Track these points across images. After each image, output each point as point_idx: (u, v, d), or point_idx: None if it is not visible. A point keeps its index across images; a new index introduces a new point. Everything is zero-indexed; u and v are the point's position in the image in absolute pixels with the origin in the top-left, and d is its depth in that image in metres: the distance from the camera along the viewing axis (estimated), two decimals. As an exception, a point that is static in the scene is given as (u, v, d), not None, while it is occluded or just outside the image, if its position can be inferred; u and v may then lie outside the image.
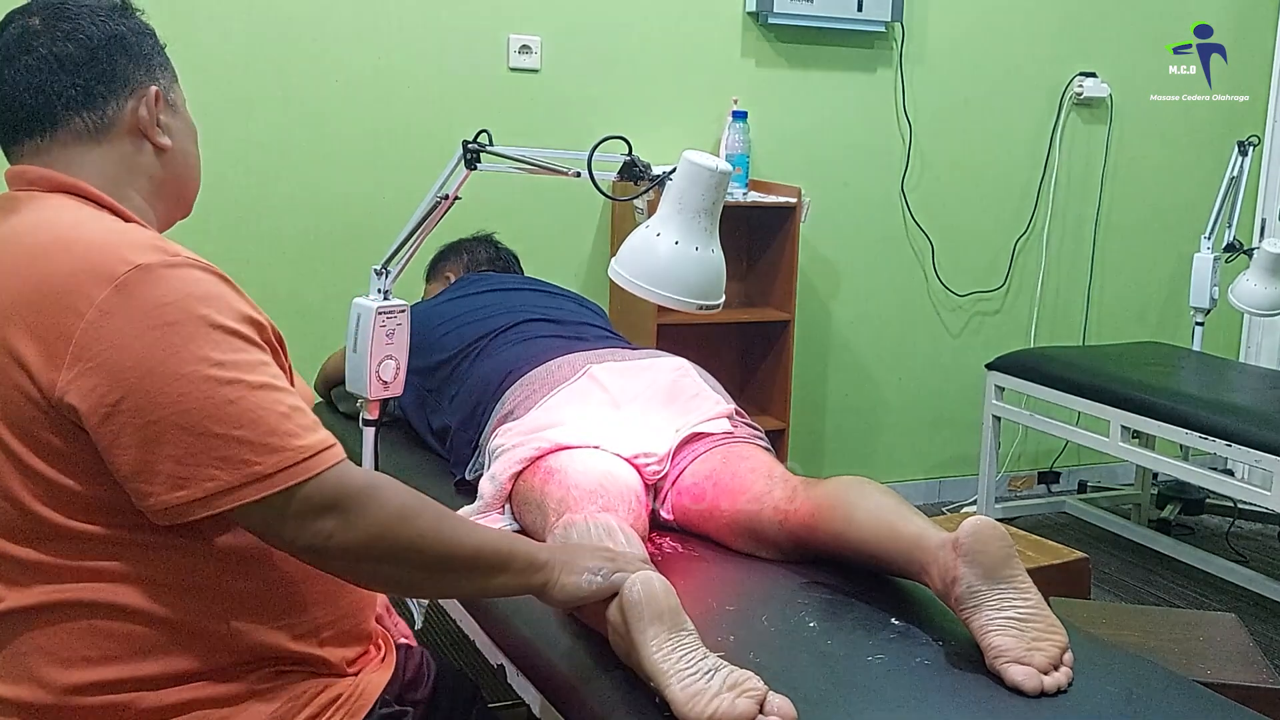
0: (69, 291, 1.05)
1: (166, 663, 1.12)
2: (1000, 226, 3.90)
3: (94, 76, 1.20)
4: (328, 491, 1.08)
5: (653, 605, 1.24)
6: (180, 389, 1.03)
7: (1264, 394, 3.14)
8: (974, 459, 3.71)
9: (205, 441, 1.04)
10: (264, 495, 1.05)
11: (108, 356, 1.03)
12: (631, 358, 2.00)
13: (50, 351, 1.05)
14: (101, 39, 1.21)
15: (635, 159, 1.71)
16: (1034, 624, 1.33)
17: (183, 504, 1.05)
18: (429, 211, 1.89)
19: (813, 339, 3.68)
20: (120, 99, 1.22)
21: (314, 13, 2.99)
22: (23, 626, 1.12)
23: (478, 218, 2.92)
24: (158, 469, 1.04)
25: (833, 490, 1.60)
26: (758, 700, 1.20)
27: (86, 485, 1.08)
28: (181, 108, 1.30)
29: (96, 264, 1.06)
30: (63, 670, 1.11)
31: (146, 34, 1.27)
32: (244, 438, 1.04)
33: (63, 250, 1.08)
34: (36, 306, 1.06)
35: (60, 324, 1.04)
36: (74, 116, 1.20)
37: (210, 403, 1.04)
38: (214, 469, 1.04)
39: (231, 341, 1.07)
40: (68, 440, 1.07)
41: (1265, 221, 4.19)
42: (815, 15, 3.42)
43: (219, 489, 1.04)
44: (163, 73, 1.27)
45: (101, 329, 1.03)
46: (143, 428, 1.03)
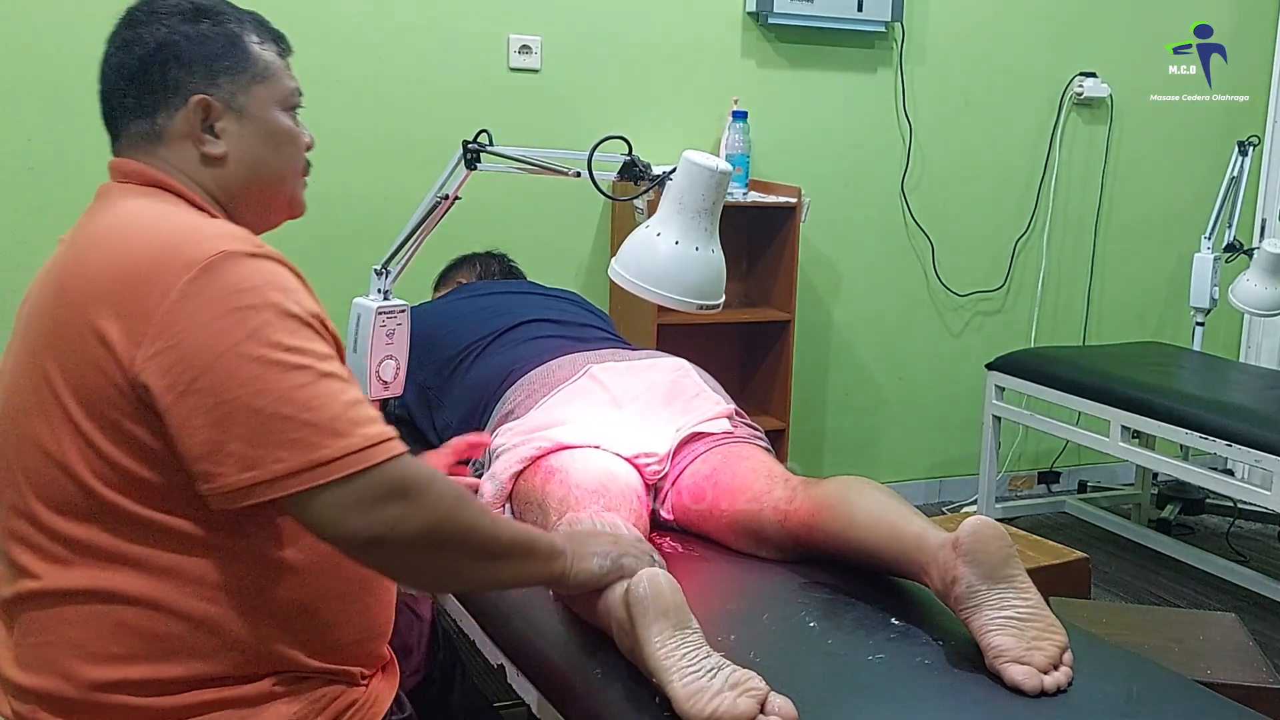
0: (154, 273, 1.07)
1: (191, 665, 1.13)
2: (1000, 226, 3.90)
3: (145, 87, 1.23)
4: (392, 479, 1.09)
5: (659, 602, 1.24)
6: (253, 371, 1.05)
7: (1264, 394, 3.14)
8: (974, 459, 3.71)
9: (275, 423, 1.05)
10: (330, 480, 1.05)
11: (185, 336, 1.05)
12: (632, 358, 2.00)
13: (131, 330, 1.07)
14: (154, 47, 1.23)
15: (635, 159, 1.71)
16: (1033, 624, 1.33)
17: (250, 485, 1.05)
18: (429, 211, 1.89)
19: (813, 339, 3.68)
20: (171, 108, 1.23)
21: (314, 13, 2.99)
22: (54, 614, 1.13)
23: (478, 218, 2.93)
24: (228, 449, 1.05)
25: (833, 490, 1.60)
26: (759, 700, 1.20)
27: (147, 469, 1.10)
28: (257, 112, 1.26)
29: (182, 248, 1.08)
30: (90, 665, 1.12)
31: (212, 38, 1.24)
32: (312, 421, 1.05)
33: (149, 235, 1.11)
34: (121, 287, 1.08)
35: (143, 304, 1.06)
36: (131, 123, 1.24)
37: (282, 386, 1.05)
38: (283, 451, 1.05)
39: (303, 331, 1.09)
40: (137, 422, 1.08)
41: (1265, 221, 4.19)
42: (815, 15, 3.42)
43: (286, 471, 1.05)
44: (228, 77, 1.24)
45: (181, 309, 1.05)
46: (214, 408, 1.04)
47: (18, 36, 2.77)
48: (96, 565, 1.12)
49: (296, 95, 1.32)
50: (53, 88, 2.81)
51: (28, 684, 1.14)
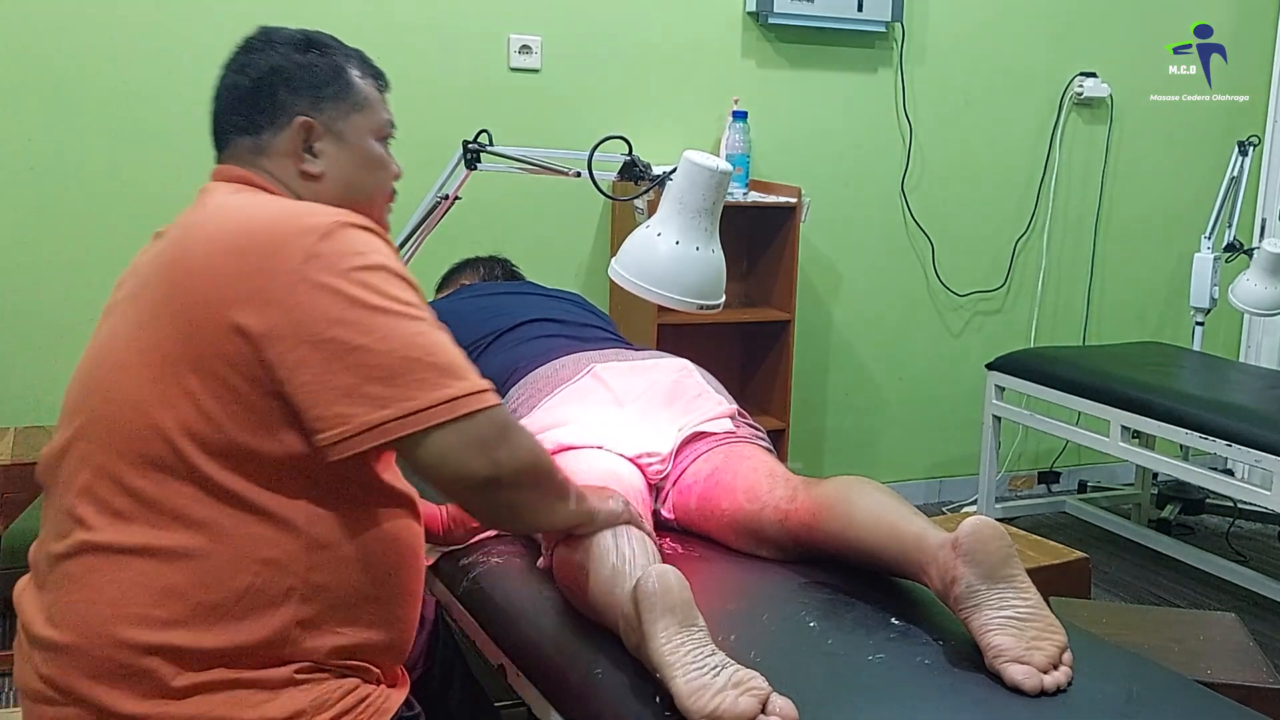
0: (280, 239, 1.16)
1: (226, 635, 1.16)
2: (1000, 226, 3.91)
3: (254, 107, 1.33)
4: (501, 421, 1.21)
5: (666, 598, 1.25)
6: (380, 320, 1.15)
7: (1264, 394, 3.14)
8: (974, 459, 3.71)
9: (405, 365, 1.15)
10: (454, 417, 1.16)
11: (317, 293, 1.14)
12: (635, 358, 2.00)
13: (262, 291, 1.14)
14: (266, 71, 1.34)
15: (635, 159, 1.71)
16: (1033, 623, 1.33)
17: (386, 422, 1.14)
18: (429, 211, 1.90)
19: (813, 339, 3.68)
20: (276, 127, 1.33)
21: (314, 13, 2.99)
22: (103, 570, 1.16)
23: (478, 218, 2.93)
24: (362, 391, 1.14)
25: (833, 490, 1.60)
26: (760, 700, 1.20)
27: (243, 433, 1.15)
28: (354, 139, 1.38)
29: (305, 219, 1.18)
30: (129, 627, 1.14)
31: (321, 66, 1.37)
32: (436, 364, 1.17)
33: (267, 209, 1.22)
34: (250, 252, 1.16)
35: (273, 265, 1.14)
36: (237, 138, 1.34)
37: (406, 333, 1.16)
38: (413, 390, 1.15)
39: (411, 290, 1.21)
40: (249, 381, 1.14)
41: (1265, 221, 4.19)
42: (815, 15, 3.42)
43: (418, 408, 1.14)
44: (331, 104, 1.36)
45: (311, 269, 1.14)
46: (348, 354, 1.13)
47: (18, 36, 2.77)
48: (159, 524, 1.16)
49: (389, 127, 1.45)
50: (53, 88, 2.81)
51: (61, 640, 1.16)
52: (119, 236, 2.88)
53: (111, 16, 2.83)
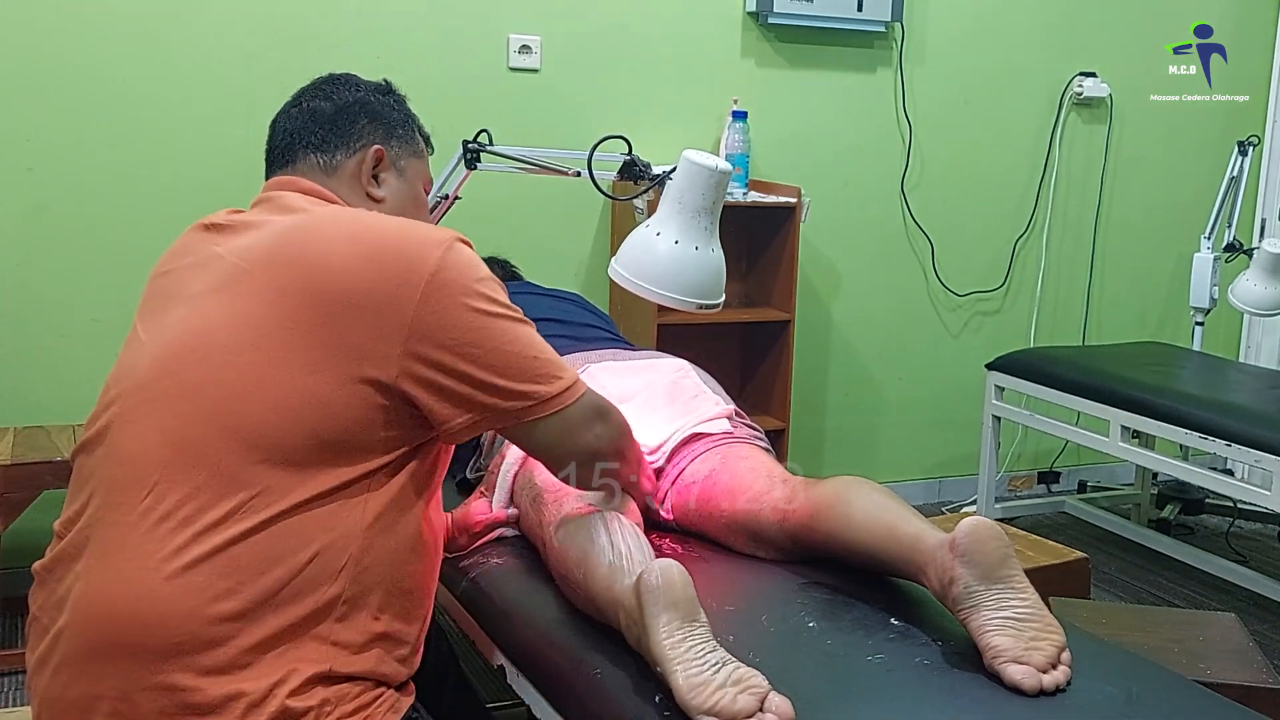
0: (413, 250, 1.27)
1: (277, 615, 1.19)
2: (1000, 226, 3.91)
3: (334, 130, 1.46)
4: (595, 402, 1.39)
5: (669, 593, 1.25)
6: (502, 325, 1.30)
7: (1264, 394, 3.14)
8: (974, 459, 3.71)
9: (527, 363, 1.31)
10: (569, 403, 1.34)
11: (449, 300, 1.26)
12: (632, 358, 2.00)
13: (400, 298, 1.24)
14: (351, 101, 1.48)
15: (635, 158, 1.71)
16: (1031, 624, 1.33)
17: (520, 408, 1.31)
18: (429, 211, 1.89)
19: (813, 339, 3.68)
20: (350, 150, 1.45)
21: (314, 13, 2.99)
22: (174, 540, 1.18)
23: (478, 218, 2.92)
24: (494, 384, 1.29)
25: (832, 490, 1.60)
26: (759, 698, 1.20)
27: (352, 424, 1.23)
28: (411, 177, 1.51)
29: (428, 232, 1.31)
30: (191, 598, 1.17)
31: (397, 110, 1.52)
32: (549, 360, 1.34)
33: (396, 222, 1.33)
34: (387, 260, 1.25)
35: (409, 274, 1.25)
36: (310, 154, 1.45)
37: (524, 335, 1.32)
38: (535, 384, 1.31)
39: (506, 297, 1.34)
40: (372, 385, 1.23)
41: (1265, 221, 4.19)
42: (815, 15, 3.42)
43: (545, 396, 1.32)
44: (399, 143, 1.50)
45: (440, 278, 1.26)
46: (483, 355, 1.27)
47: (18, 36, 2.77)
48: (242, 499, 1.20)
49: (430, 183, 1.58)
50: (53, 88, 2.81)
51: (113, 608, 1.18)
52: (119, 236, 2.88)
53: (112, 16, 2.83)
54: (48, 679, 1.22)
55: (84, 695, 1.19)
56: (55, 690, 1.21)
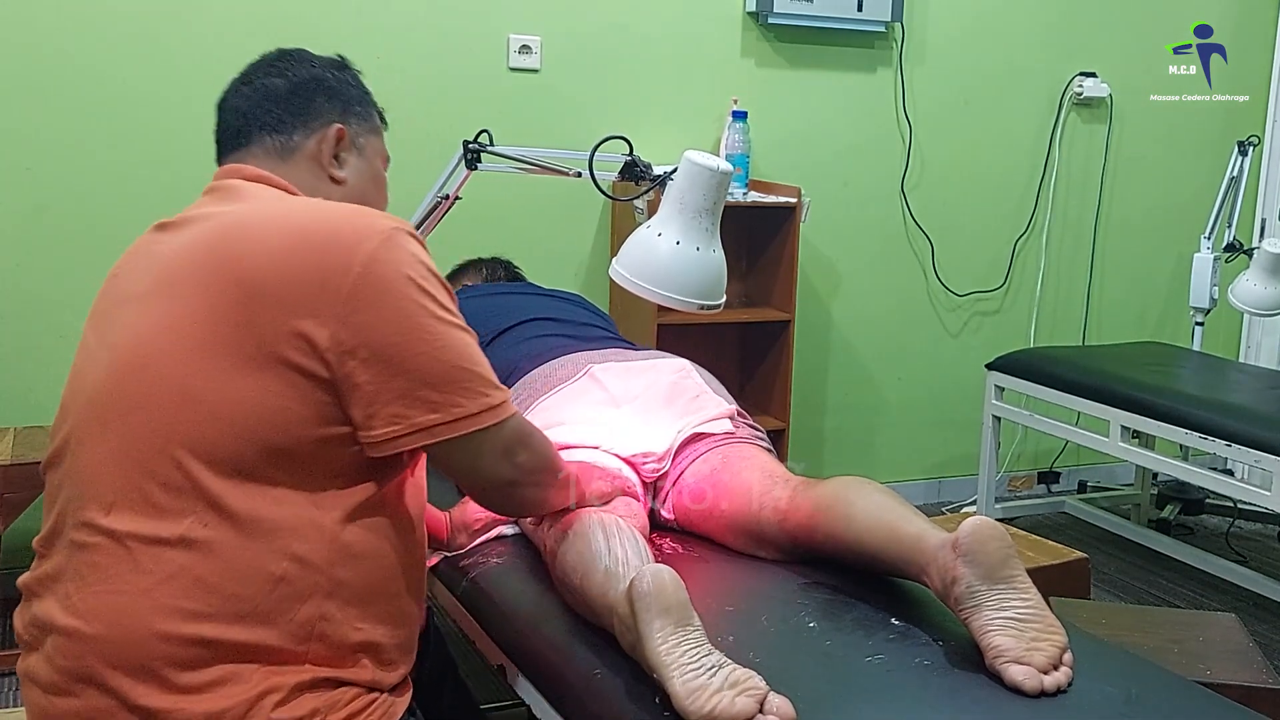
0: (343, 242, 1.20)
1: (252, 630, 1.17)
2: (1000, 226, 3.91)
3: (289, 109, 1.39)
4: (522, 428, 1.32)
5: (661, 598, 1.24)
6: (436, 329, 1.22)
7: (1264, 394, 3.14)
8: (974, 459, 3.71)
9: (455, 374, 1.23)
10: (493, 423, 1.26)
11: (378, 299, 1.19)
12: (633, 358, 2.00)
13: (326, 293, 1.18)
14: (306, 78, 1.41)
15: (636, 159, 1.71)
16: (1033, 624, 1.33)
17: (434, 425, 1.22)
18: (429, 211, 1.89)
19: (813, 339, 3.68)
20: (307, 130, 1.39)
21: (314, 13, 2.99)
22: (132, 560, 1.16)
23: (478, 218, 2.93)
24: (417, 394, 1.21)
25: (832, 490, 1.60)
26: (758, 700, 1.20)
27: (290, 427, 1.18)
28: (370, 155, 1.46)
29: (364, 221, 1.23)
30: (157, 617, 1.15)
31: (353, 85, 1.46)
32: (481, 374, 1.26)
33: (329, 212, 1.26)
34: (313, 253, 1.19)
35: (336, 268, 1.18)
36: (265, 137, 1.38)
37: (459, 343, 1.24)
38: (460, 398, 1.23)
39: (452, 299, 1.27)
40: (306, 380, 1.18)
41: (1265, 221, 4.19)
42: (815, 15, 3.42)
43: (464, 414, 1.23)
44: (357, 120, 1.44)
45: (372, 274, 1.19)
46: (409, 359, 1.20)
47: (18, 36, 2.77)
48: (192, 516, 1.16)
49: (388, 162, 1.53)
50: (52, 88, 2.81)
51: (87, 630, 1.16)
52: (118, 236, 2.87)
53: (112, 16, 2.83)
54: (36, 695, 1.22)
55: (67, 713, 1.18)
56: (43, 704, 1.21)
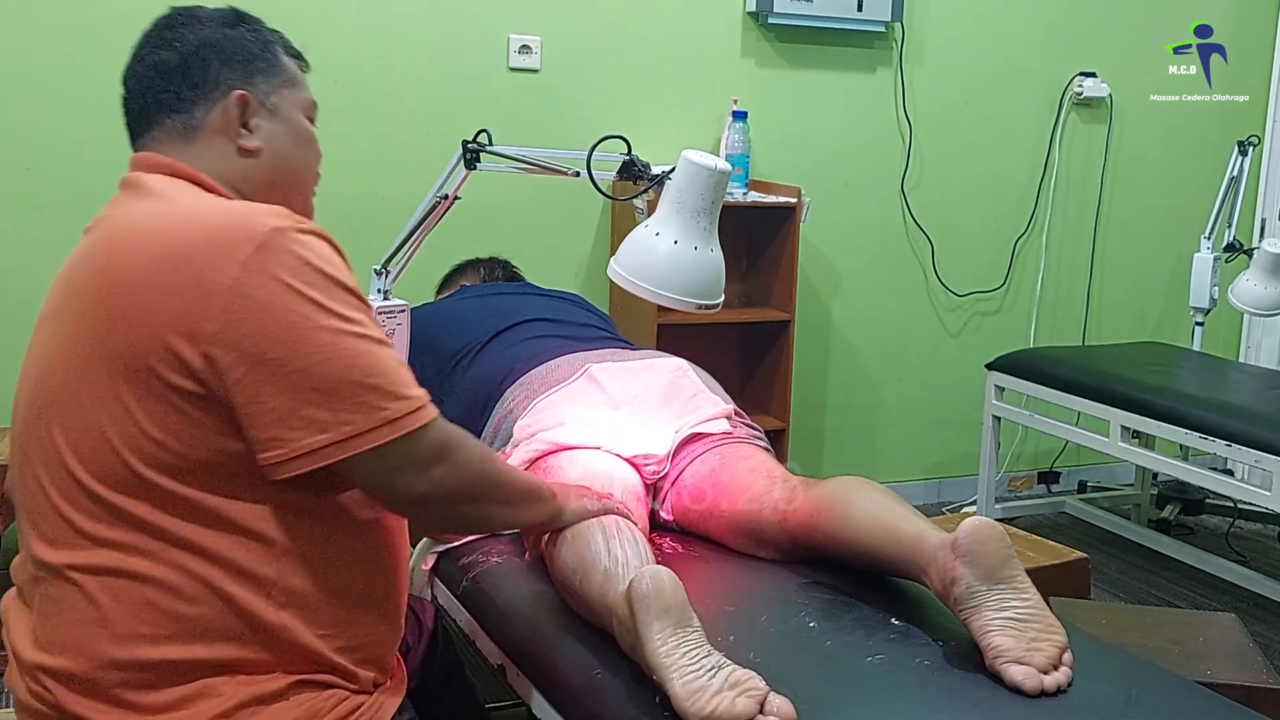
0: (213, 251, 1.11)
1: (215, 648, 1.15)
2: (1000, 226, 3.90)
3: (185, 82, 1.27)
4: (439, 439, 1.19)
5: (660, 600, 1.24)
6: (322, 339, 1.11)
7: (1264, 394, 3.14)
8: (974, 459, 3.71)
9: (345, 388, 1.12)
10: (393, 438, 1.14)
11: (254, 310, 1.10)
12: (630, 358, 2.00)
13: (192, 307, 1.10)
14: (196, 45, 1.28)
15: (635, 159, 1.71)
16: (1033, 624, 1.33)
17: (323, 446, 1.12)
18: (429, 211, 1.89)
19: (813, 339, 3.68)
20: (208, 103, 1.28)
21: (314, 13, 2.99)
22: (82, 591, 1.14)
23: (478, 218, 2.93)
24: (301, 414, 1.11)
25: (832, 490, 1.60)
26: (758, 700, 1.20)
27: (187, 446, 1.13)
28: (287, 112, 1.33)
29: (237, 227, 1.12)
30: (115, 645, 1.13)
31: (252, 40, 1.32)
32: (376, 385, 1.13)
33: (202, 217, 1.16)
34: (180, 264, 1.11)
35: (205, 280, 1.10)
36: (166, 118, 1.27)
37: (348, 353, 1.12)
38: (351, 414, 1.12)
39: (355, 302, 1.16)
40: (188, 399, 1.11)
41: (1265, 221, 4.19)
42: (815, 15, 3.42)
43: (356, 431, 1.12)
44: (263, 78, 1.31)
45: (246, 284, 1.10)
46: (287, 375, 1.10)
47: (18, 36, 2.77)
48: (126, 543, 1.14)
49: (314, 108, 1.40)
50: (52, 88, 2.81)
51: (51, 664, 1.15)
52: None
53: (112, 16, 2.82)
54: (14, 712, 1.21)
55: None
56: None
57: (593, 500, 1.51)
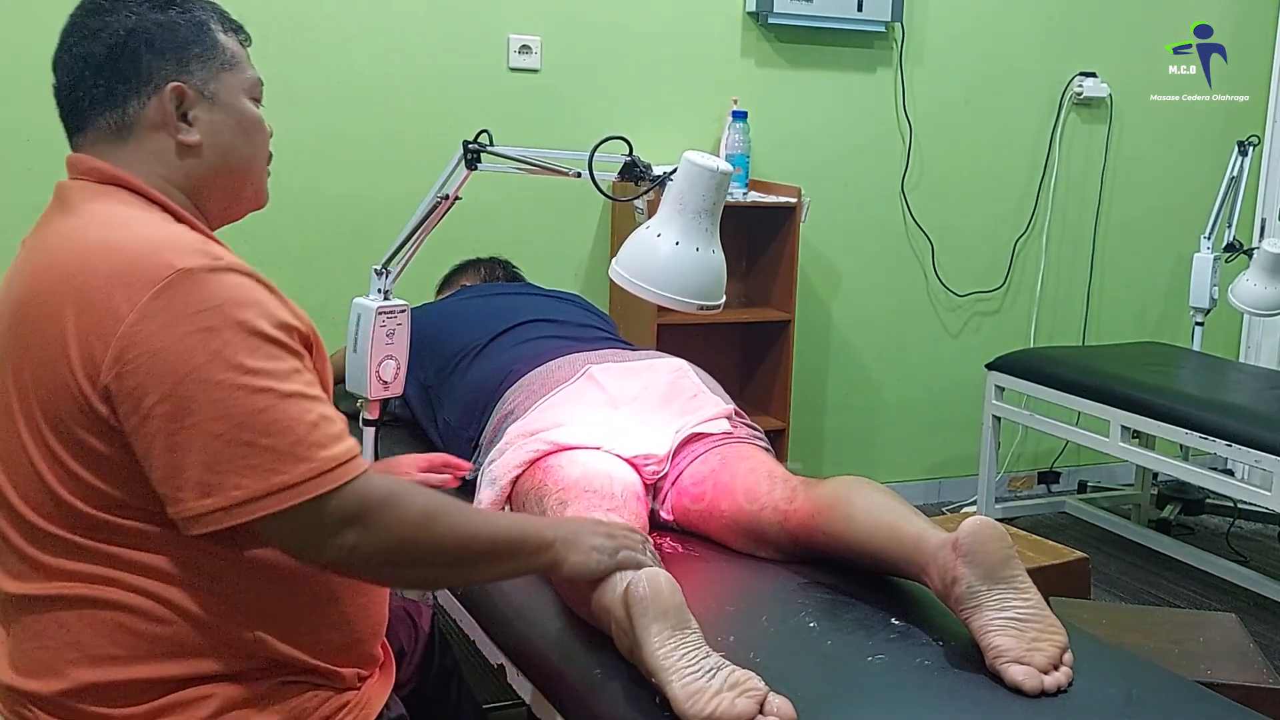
0: (112, 293, 1.05)
1: (190, 664, 1.13)
2: (1000, 226, 3.90)
3: (115, 76, 1.18)
4: (351, 504, 1.09)
5: (658, 602, 1.24)
6: (214, 395, 1.03)
7: (1264, 394, 3.14)
8: (974, 459, 3.71)
9: (235, 449, 1.04)
10: (289, 505, 1.05)
11: (146, 360, 1.04)
12: (631, 359, 2.00)
13: (92, 351, 1.05)
14: (124, 35, 1.18)
15: (635, 159, 1.71)
16: (1034, 624, 1.33)
17: (209, 512, 1.05)
18: (429, 211, 1.89)
19: (813, 339, 3.68)
20: (142, 97, 1.19)
21: (314, 13, 2.98)
22: (50, 618, 1.12)
23: (478, 218, 2.93)
24: (187, 475, 1.04)
25: (832, 490, 1.60)
26: (757, 700, 1.20)
27: (118, 488, 1.09)
28: (227, 98, 1.24)
29: (140, 266, 1.06)
30: (88, 668, 1.12)
31: (182, 25, 1.21)
32: (273, 446, 1.05)
33: (108, 251, 1.08)
34: (82, 305, 1.06)
35: (102, 325, 1.05)
36: (99, 116, 1.19)
37: (242, 410, 1.04)
38: (241, 477, 1.04)
39: (267, 349, 1.07)
40: (103, 441, 1.07)
41: (1265, 221, 4.19)
42: (815, 15, 3.42)
43: (246, 498, 1.04)
44: (199, 64, 1.21)
45: (141, 332, 1.04)
46: (175, 433, 1.04)
47: (17, 36, 2.77)
48: (92, 571, 1.11)
49: (260, 86, 1.31)
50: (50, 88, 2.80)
51: (26, 688, 1.14)
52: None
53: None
54: None
55: None
56: None
57: (604, 547, 1.32)
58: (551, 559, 1.29)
